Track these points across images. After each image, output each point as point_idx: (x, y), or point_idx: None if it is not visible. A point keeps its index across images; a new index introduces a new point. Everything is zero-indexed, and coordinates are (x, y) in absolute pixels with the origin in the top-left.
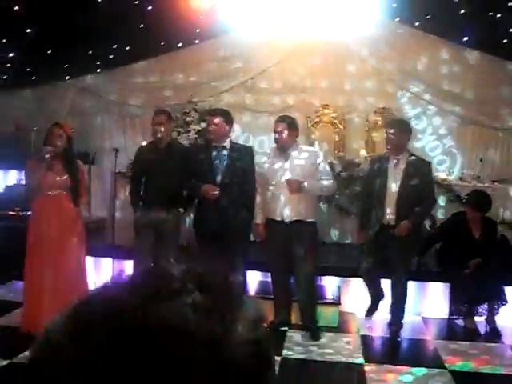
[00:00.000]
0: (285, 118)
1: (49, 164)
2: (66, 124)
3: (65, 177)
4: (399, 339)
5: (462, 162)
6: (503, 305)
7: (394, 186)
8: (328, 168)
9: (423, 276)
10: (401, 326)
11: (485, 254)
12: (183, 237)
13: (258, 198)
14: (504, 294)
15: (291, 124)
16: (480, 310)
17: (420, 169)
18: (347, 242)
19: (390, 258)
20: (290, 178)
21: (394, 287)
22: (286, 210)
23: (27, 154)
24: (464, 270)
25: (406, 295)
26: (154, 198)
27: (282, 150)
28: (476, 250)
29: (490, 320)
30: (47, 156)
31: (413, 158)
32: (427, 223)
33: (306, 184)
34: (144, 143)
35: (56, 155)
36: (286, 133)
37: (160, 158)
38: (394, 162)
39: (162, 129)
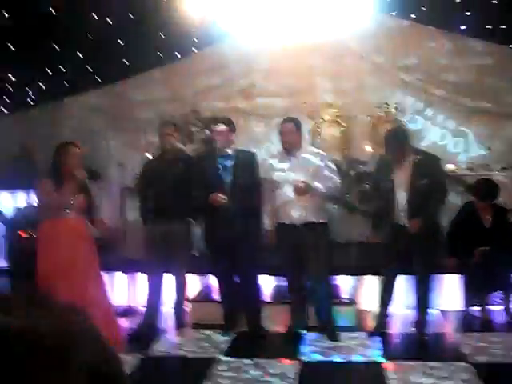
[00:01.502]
0: (292, 118)
1: (72, 186)
2: (78, 142)
3: (79, 198)
4: (426, 338)
5: (470, 149)
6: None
7: (402, 187)
8: (334, 167)
9: (438, 269)
10: (425, 324)
11: (496, 243)
12: (195, 247)
13: (266, 204)
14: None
15: (298, 125)
16: (495, 299)
17: (428, 166)
18: (358, 240)
19: (412, 258)
20: (298, 180)
21: (417, 285)
22: (296, 213)
23: (34, 174)
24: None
25: (429, 294)
26: (163, 210)
27: (289, 151)
28: (487, 238)
29: (507, 309)
30: (82, 179)
31: (419, 156)
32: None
33: (313, 185)
34: (150, 156)
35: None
36: (294, 133)
37: (168, 170)
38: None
39: (170, 140)
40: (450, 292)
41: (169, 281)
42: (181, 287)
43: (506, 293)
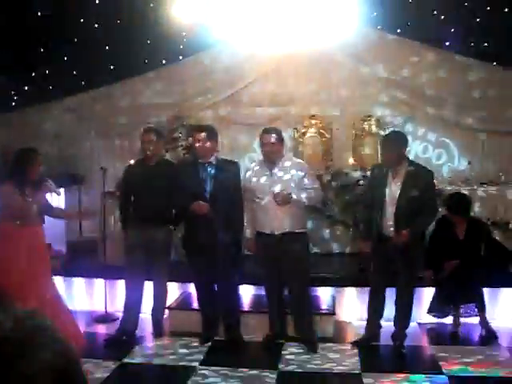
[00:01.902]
0: (273, 128)
1: (36, 193)
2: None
3: (37, 203)
4: (404, 350)
5: (450, 165)
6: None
7: (392, 197)
8: (314, 178)
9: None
10: (404, 336)
11: (468, 255)
12: (174, 253)
13: (246, 213)
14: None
15: (279, 135)
16: (466, 311)
17: (420, 179)
18: (339, 251)
19: (396, 270)
20: (277, 190)
21: (398, 298)
22: (275, 223)
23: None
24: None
25: (411, 307)
26: (143, 216)
27: (270, 162)
28: (460, 251)
29: (483, 322)
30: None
31: (412, 168)
32: None
33: (293, 195)
34: (132, 162)
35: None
36: (275, 143)
37: (149, 176)
38: (394, 171)
39: (151, 147)
40: (427, 305)
41: (148, 287)
42: (160, 294)
43: (479, 305)
